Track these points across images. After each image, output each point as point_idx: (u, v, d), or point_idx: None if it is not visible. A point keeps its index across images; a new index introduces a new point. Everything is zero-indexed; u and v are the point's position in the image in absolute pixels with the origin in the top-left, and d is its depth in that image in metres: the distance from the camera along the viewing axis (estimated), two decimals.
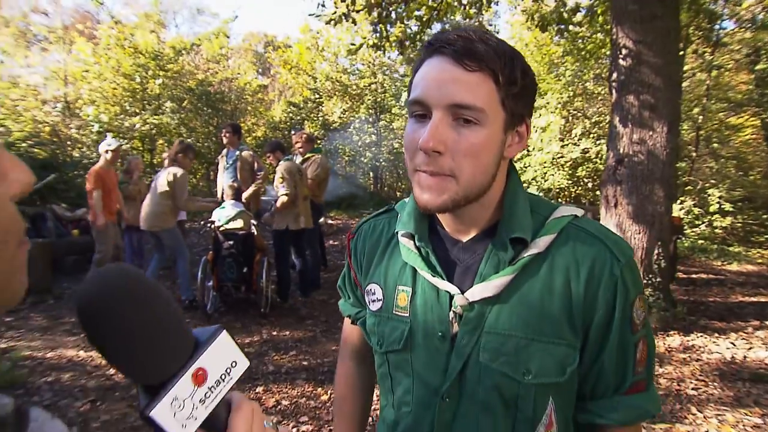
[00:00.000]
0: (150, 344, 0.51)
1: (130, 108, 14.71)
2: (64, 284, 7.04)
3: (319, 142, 14.97)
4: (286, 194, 5.90)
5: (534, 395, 0.93)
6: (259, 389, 4.05)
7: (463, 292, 0.95)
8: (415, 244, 1.01)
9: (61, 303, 6.38)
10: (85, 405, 3.72)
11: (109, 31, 14.48)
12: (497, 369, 0.93)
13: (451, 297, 0.96)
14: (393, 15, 7.17)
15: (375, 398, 1.73)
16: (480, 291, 0.93)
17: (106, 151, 6.34)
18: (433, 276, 0.98)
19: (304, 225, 6.13)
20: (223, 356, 0.56)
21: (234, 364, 0.57)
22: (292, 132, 7.74)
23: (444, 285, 0.96)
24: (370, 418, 3.43)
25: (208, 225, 6.06)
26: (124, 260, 6.64)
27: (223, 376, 0.56)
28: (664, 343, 5.01)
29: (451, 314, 0.96)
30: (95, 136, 12.48)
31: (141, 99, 14.94)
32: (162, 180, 5.84)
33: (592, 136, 12.03)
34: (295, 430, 3.46)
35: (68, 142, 13.83)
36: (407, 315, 1.02)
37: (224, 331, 0.57)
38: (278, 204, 5.95)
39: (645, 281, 5.52)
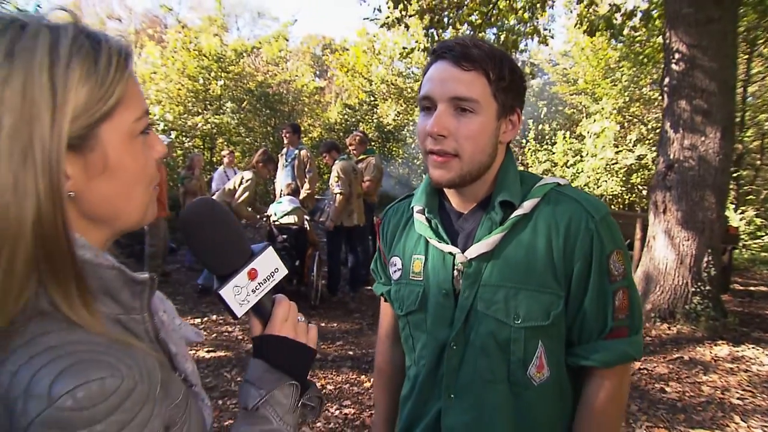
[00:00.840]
0: (224, 248, 0.78)
1: (192, 108, 15.32)
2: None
3: (372, 143, 15.19)
4: (341, 192, 6.17)
5: (524, 338, 1.10)
6: None
7: (463, 253, 1.13)
8: (425, 216, 1.21)
9: None
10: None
11: (176, 34, 15.15)
12: (491, 315, 1.11)
13: (453, 257, 1.15)
14: (446, 20, 7.29)
15: None
16: (476, 249, 1.12)
17: None
18: (439, 242, 1.17)
19: (357, 222, 6.35)
20: (269, 264, 0.80)
21: (276, 270, 0.81)
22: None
23: (447, 248, 1.16)
24: None
25: (263, 220, 6.35)
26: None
27: (267, 277, 0.80)
28: (711, 352, 4.93)
29: (455, 272, 1.15)
30: (160, 135, 13.14)
31: (203, 99, 15.55)
32: (234, 179, 6.19)
33: (648, 142, 11.76)
34: (338, 412, 3.66)
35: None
36: (421, 279, 1.21)
37: (270, 246, 0.82)
38: (336, 203, 6.22)
39: (694, 289, 5.45)
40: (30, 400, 0.52)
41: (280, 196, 6.65)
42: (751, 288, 8.18)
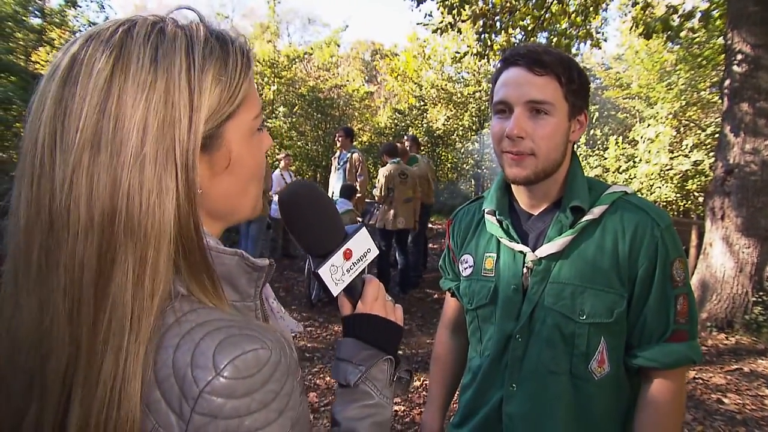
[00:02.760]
0: (321, 228, 0.82)
1: None
2: None
3: (422, 148, 15.22)
4: (378, 195, 6.44)
5: (588, 333, 1.18)
6: None
7: (533, 252, 1.22)
8: (496, 218, 1.30)
9: None
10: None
11: None
12: (558, 310, 1.19)
13: (524, 256, 1.24)
14: (498, 24, 7.29)
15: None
16: (547, 249, 1.21)
17: None
18: (510, 241, 1.26)
19: (402, 226, 6.42)
20: (362, 244, 0.85)
21: (369, 251, 0.86)
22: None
23: (518, 247, 1.25)
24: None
25: None
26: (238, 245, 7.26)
27: (361, 257, 0.84)
28: None
29: (524, 270, 1.24)
30: None
31: None
32: None
33: (705, 147, 11.36)
34: None
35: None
36: (492, 275, 1.30)
37: (364, 227, 0.87)
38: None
39: (755, 299, 5.28)
40: (197, 370, 0.57)
41: (333, 199, 6.78)
42: None
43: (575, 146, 1.31)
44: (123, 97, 0.59)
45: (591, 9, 7.18)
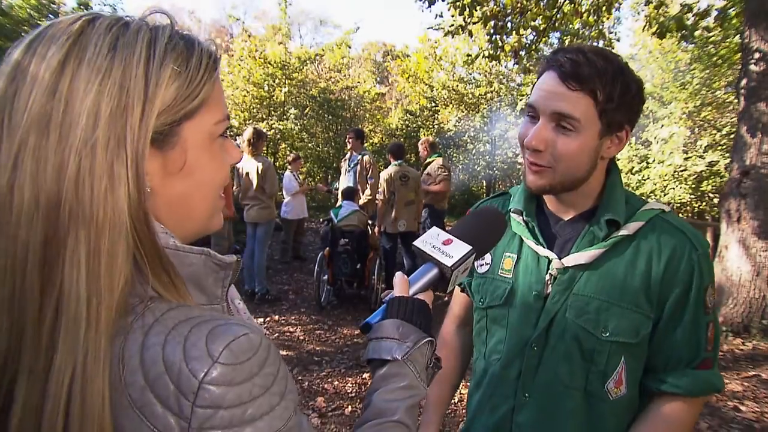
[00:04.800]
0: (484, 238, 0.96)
1: (257, 114, 15.80)
2: None
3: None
4: (380, 199, 6.37)
5: (608, 351, 1.13)
6: (365, 375, 4.34)
7: (559, 260, 1.17)
8: (523, 218, 1.25)
9: None
10: None
11: (242, 43, 15.68)
12: (580, 325, 1.14)
13: (549, 262, 1.18)
14: (509, 25, 7.23)
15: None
16: (575, 259, 1.15)
17: None
18: (536, 244, 1.21)
19: (404, 229, 6.36)
20: (462, 249, 0.92)
21: (463, 257, 0.91)
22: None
23: (544, 252, 1.19)
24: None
25: (326, 223, 6.48)
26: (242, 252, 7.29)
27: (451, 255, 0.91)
28: None
29: (547, 276, 1.18)
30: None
31: (267, 106, 16.00)
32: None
33: (720, 148, 11.20)
34: None
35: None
36: (510, 276, 1.25)
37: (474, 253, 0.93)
38: (379, 206, 6.38)
39: None
40: (192, 362, 0.54)
41: (341, 200, 6.77)
42: None
43: (614, 159, 1.24)
44: (76, 80, 0.58)
45: (603, 9, 7.09)
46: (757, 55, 5.10)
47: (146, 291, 0.61)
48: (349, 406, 3.79)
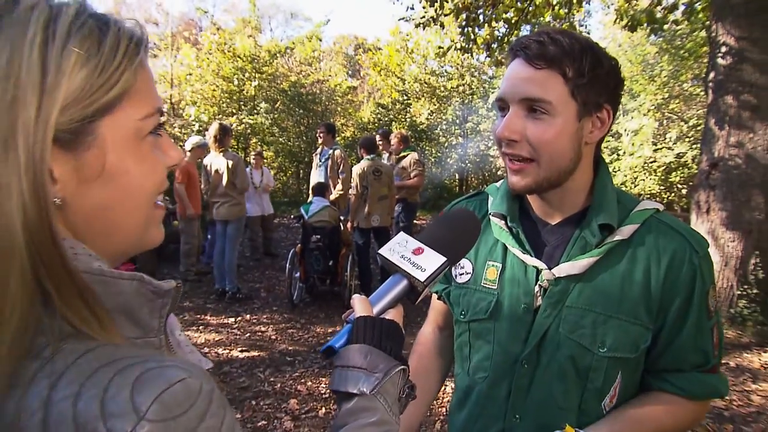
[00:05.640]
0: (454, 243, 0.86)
1: (227, 108, 15.56)
2: (165, 270, 7.63)
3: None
4: (353, 194, 6.26)
5: (606, 368, 1.04)
6: None
7: (549, 269, 1.07)
8: (506, 223, 1.14)
9: None
10: None
11: (210, 36, 15.40)
12: (574, 340, 1.04)
13: (538, 272, 1.08)
14: (481, 18, 7.18)
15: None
16: (567, 269, 1.05)
17: (191, 149, 6.78)
18: (523, 253, 1.10)
19: (377, 224, 6.28)
20: (435, 261, 0.82)
21: (434, 269, 0.82)
22: (377, 133, 7.88)
23: (532, 261, 1.09)
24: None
25: (298, 220, 6.37)
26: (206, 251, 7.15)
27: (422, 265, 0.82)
28: (760, 359, 4.72)
29: (537, 288, 1.08)
30: (195, 136, 13.34)
31: (237, 100, 15.77)
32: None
33: (688, 139, 11.40)
34: None
35: (172, 140, 14.84)
36: (495, 288, 1.14)
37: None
38: (352, 201, 6.30)
39: (740, 292, 5.24)
40: (112, 420, 0.43)
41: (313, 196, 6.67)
42: None
43: (601, 152, 1.14)
44: None
45: (575, 1, 7.09)
46: (723, 49, 5.14)
47: (60, 328, 0.50)
48: (323, 408, 3.71)
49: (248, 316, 5.80)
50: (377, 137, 7.31)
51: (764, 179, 5.05)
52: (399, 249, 0.83)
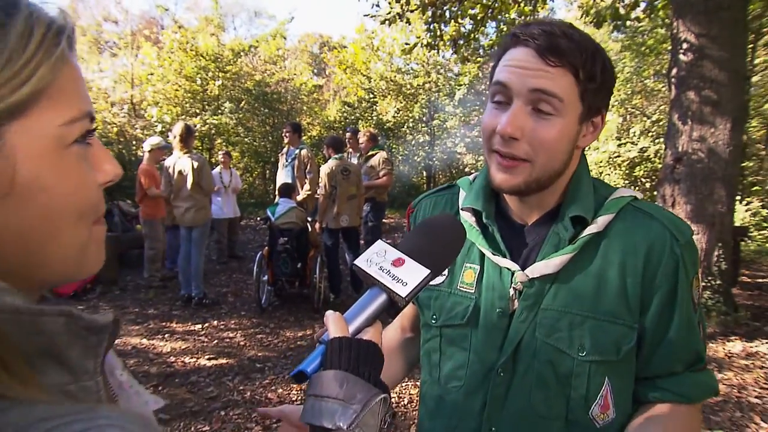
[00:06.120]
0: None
1: (190, 108, 15.27)
2: (128, 276, 7.39)
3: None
4: (321, 194, 6.18)
5: (588, 373, 0.96)
6: None
7: (523, 270, 0.99)
8: (480, 221, 1.06)
9: (125, 294, 6.72)
10: (148, 389, 3.90)
11: (172, 35, 15.08)
12: (552, 345, 0.97)
13: (512, 274, 1.00)
14: (447, 14, 7.15)
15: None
16: (540, 268, 0.97)
17: (150, 150, 6.62)
18: (494, 254, 1.02)
19: (347, 224, 6.21)
20: (417, 273, 0.74)
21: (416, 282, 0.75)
22: (346, 131, 7.81)
23: (505, 263, 1.01)
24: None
25: (264, 222, 6.25)
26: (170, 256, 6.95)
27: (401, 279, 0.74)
28: (725, 349, 4.82)
29: (512, 291, 1.00)
30: (156, 137, 13.02)
31: (201, 100, 15.49)
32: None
33: (650, 134, 11.64)
34: None
35: (134, 142, 14.50)
36: (473, 291, 1.06)
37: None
38: (320, 201, 6.21)
39: (704, 284, 5.34)
40: None
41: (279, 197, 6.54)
42: (759, 280, 8.06)
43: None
44: None
45: None
46: (685, 46, 5.21)
47: None
48: None
49: (215, 322, 5.65)
50: (347, 135, 7.23)
51: (725, 173, 5.15)
52: (377, 260, 0.75)
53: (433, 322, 1.11)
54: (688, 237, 0.97)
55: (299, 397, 3.86)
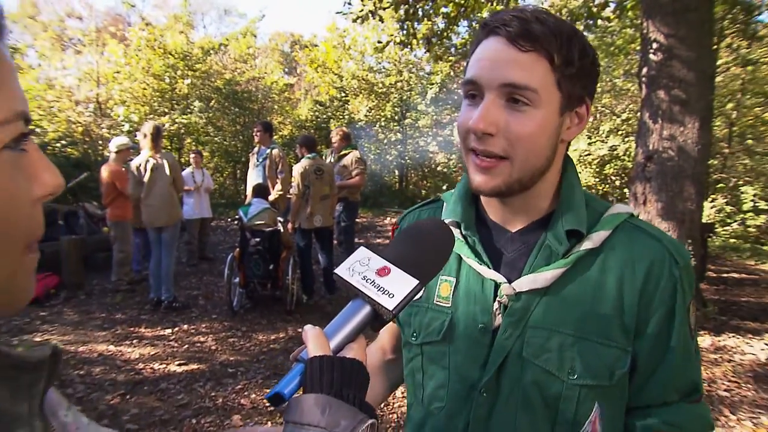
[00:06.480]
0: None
1: (159, 108, 14.98)
2: (95, 280, 7.17)
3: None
4: (294, 194, 6.10)
5: (578, 397, 0.89)
6: None
7: (510, 283, 0.92)
8: (461, 232, 0.99)
9: (92, 298, 6.50)
10: (116, 398, 3.79)
11: (139, 32, 14.77)
12: (540, 365, 0.90)
13: (497, 287, 0.93)
14: (420, 12, 7.12)
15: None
16: (529, 282, 0.90)
17: (118, 151, 6.47)
18: (480, 264, 0.95)
19: (320, 224, 6.14)
20: (405, 285, 0.68)
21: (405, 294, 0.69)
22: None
23: (490, 273, 0.94)
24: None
25: (235, 222, 6.13)
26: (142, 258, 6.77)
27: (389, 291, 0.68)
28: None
29: (495, 305, 0.93)
30: (123, 136, 12.72)
31: (170, 99, 15.22)
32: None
33: (620, 133, 11.83)
34: None
35: (100, 142, 14.16)
36: (449, 305, 0.99)
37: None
38: (293, 202, 6.13)
39: None
40: None
41: (251, 197, 6.42)
42: (724, 275, 8.26)
43: (568, 148, 0.99)
44: None
45: None
46: (654, 45, 5.27)
47: None
48: (269, 423, 3.52)
49: (186, 326, 5.51)
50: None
51: (694, 171, 5.23)
52: (360, 269, 0.69)
53: (414, 339, 1.04)
54: (687, 260, 0.92)
55: None
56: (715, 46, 11.67)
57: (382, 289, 0.66)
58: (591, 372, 0.88)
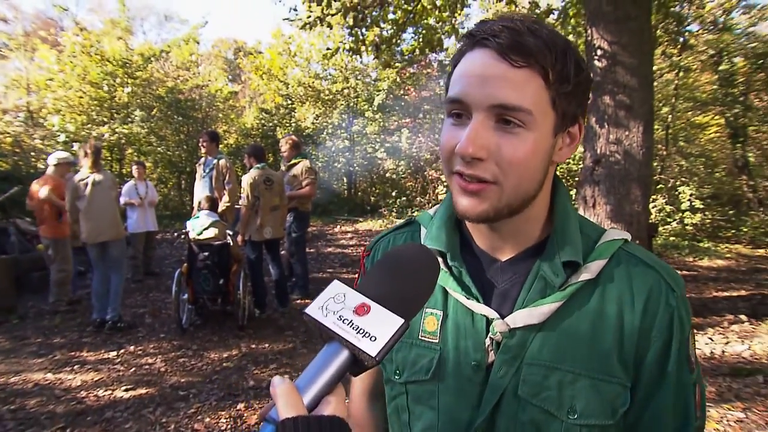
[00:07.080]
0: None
1: (97, 117, 14.40)
2: (29, 302, 6.74)
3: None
4: (243, 205, 5.95)
5: None
6: (241, 406, 3.90)
7: (502, 317, 0.85)
8: (446, 262, 0.90)
9: (26, 322, 6.09)
10: None
11: (73, 38, 14.15)
12: (538, 405, 0.83)
13: (489, 322, 0.86)
14: (368, 19, 7.06)
15: None
16: (524, 317, 0.83)
17: (57, 164, 6.22)
18: (468, 298, 0.87)
19: (270, 236, 6.00)
20: (388, 326, 0.60)
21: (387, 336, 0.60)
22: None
23: (480, 308, 0.86)
24: None
25: (182, 236, 5.89)
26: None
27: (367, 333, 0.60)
28: None
29: (488, 341, 0.86)
30: (61, 147, 12.13)
31: (109, 108, 14.65)
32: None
33: None
34: None
35: (32, 153, 13.46)
36: (437, 341, 0.91)
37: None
38: (243, 213, 5.97)
39: None
40: None
41: (198, 210, 6.19)
42: None
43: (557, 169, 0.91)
44: None
45: (458, 4, 7.18)
46: (599, 52, 5.40)
47: None
48: None
49: (132, 348, 5.23)
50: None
51: (640, 173, 5.37)
52: (335, 307, 0.60)
53: (396, 377, 0.95)
54: (683, 289, 0.86)
55: (228, 426, 3.60)
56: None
57: (361, 331, 0.57)
58: (592, 410, 0.82)
